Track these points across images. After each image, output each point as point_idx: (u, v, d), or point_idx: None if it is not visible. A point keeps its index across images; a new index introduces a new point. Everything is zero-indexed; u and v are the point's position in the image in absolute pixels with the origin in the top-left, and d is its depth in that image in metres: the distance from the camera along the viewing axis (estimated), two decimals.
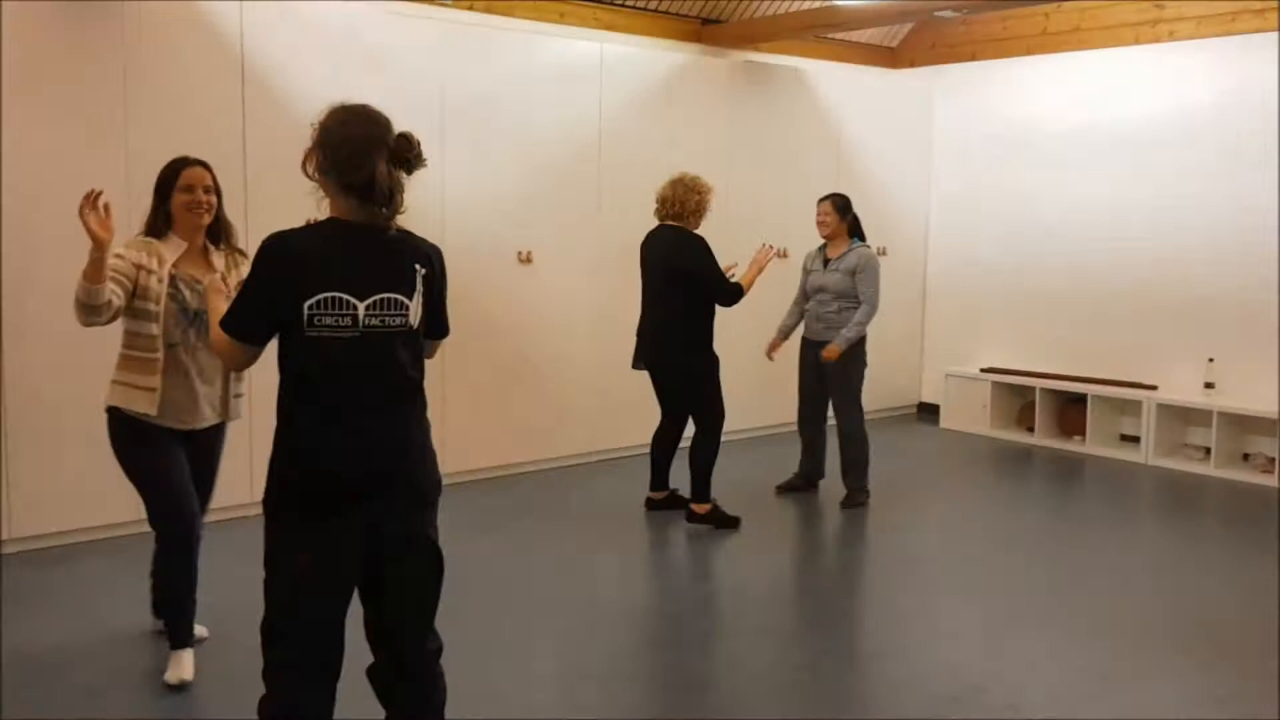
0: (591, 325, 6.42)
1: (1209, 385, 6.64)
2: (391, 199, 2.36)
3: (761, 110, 7.10)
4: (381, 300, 2.37)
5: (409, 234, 2.47)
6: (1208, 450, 6.59)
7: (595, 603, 4.30)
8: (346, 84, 5.24)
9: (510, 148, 5.97)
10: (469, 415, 5.89)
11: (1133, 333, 7.08)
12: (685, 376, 5.26)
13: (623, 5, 6.73)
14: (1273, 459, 6.29)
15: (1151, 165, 6.94)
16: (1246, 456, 6.58)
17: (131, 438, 3.38)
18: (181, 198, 3.35)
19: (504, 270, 6.00)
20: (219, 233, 3.49)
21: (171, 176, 3.38)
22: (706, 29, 7.12)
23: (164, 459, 3.38)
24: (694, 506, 5.32)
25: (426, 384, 2.51)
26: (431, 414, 2.55)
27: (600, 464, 6.46)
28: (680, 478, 5.45)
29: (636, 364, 5.38)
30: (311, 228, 2.43)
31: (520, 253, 6.05)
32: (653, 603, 4.39)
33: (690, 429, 5.39)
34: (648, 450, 5.53)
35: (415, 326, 2.44)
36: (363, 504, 2.37)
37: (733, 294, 5.16)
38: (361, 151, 2.32)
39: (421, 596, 2.51)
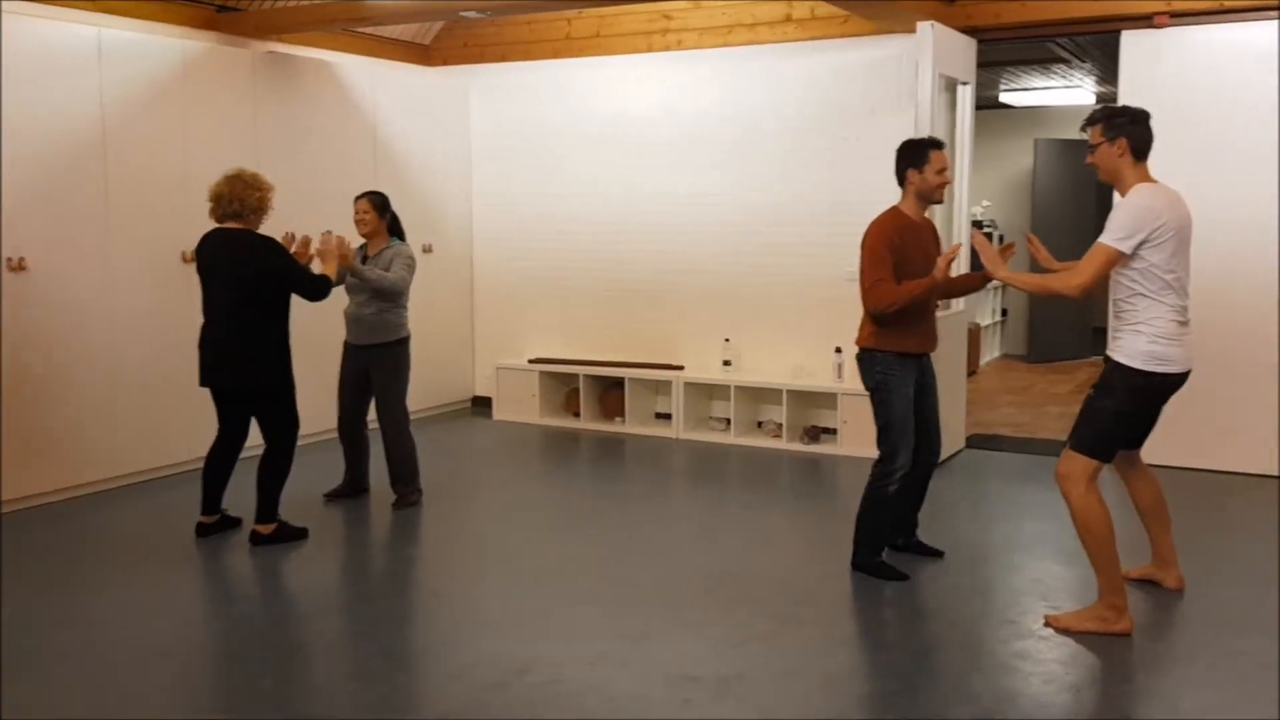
0: (104, 336, 5.81)
1: (726, 363, 7.35)
2: None
3: (290, 104, 6.80)
4: None
5: None
6: (728, 421, 7.29)
7: (122, 644, 3.89)
8: None
9: None
10: None
11: (662, 318, 7.65)
12: (266, 388, 4.93)
13: None
14: (780, 424, 7.08)
15: (670, 163, 7.52)
16: (760, 424, 7.35)
17: None
18: None
19: None
20: None
21: None
22: (223, 17, 6.68)
23: None
24: (259, 528, 4.99)
25: None
26: None
27: (124, 490, 5.86)
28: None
29: (206, 380, 4.94)
30: None
31: (10, 260, 5.33)
32: (192, 635, 4.05)
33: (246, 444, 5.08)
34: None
35: None
36: None
37: (322, 286, 4.96)
38: None
39: None
